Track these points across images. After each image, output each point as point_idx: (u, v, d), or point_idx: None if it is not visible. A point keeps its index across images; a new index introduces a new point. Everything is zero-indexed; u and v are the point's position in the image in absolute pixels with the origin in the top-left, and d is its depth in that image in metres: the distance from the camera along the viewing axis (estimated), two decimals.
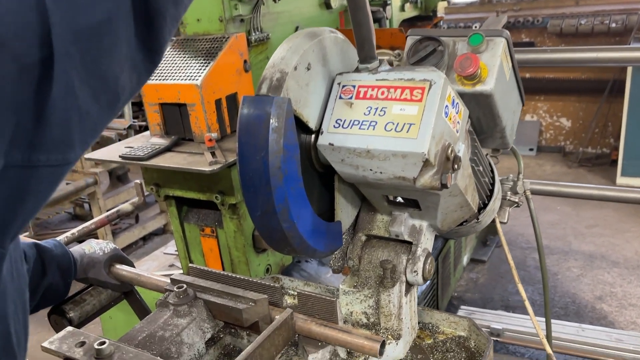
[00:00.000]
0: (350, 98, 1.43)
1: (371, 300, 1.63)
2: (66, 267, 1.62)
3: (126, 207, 2.23)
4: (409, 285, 1.61)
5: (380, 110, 1.39)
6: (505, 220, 2.05)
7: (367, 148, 1.37)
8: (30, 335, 1.11)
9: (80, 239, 2.29)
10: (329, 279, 3.56)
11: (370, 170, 1.41)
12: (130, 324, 1.60)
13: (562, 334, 3.48)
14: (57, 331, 1.38)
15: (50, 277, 1.58)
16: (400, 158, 1.34)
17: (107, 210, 5.81)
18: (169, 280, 1.57)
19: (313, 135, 1.50)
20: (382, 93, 1.39)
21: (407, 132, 1.33)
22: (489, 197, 1.82)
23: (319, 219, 1.46)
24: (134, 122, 5.41)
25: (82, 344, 1.28)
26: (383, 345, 1.31)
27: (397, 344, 1.57)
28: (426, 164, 1.32)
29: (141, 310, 1.78)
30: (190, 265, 1.61)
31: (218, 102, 2.65)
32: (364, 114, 1.40)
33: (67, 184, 5.37)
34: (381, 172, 1.41)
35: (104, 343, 1.24)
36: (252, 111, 1.31)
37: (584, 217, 5.97)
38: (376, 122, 1.38)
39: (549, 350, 2.14)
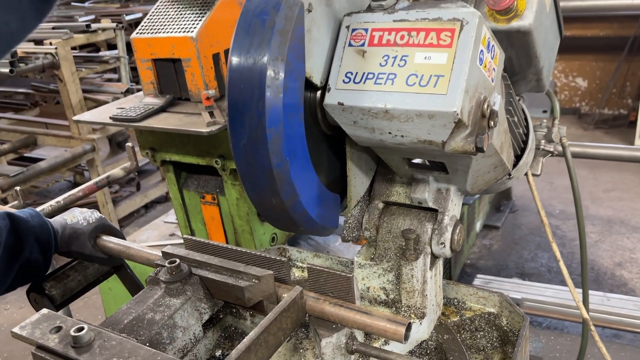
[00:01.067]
0: (363, 45, 1.19)
1: (391, 275, 1.43)
2: (45, 239, 1.43)
3: (117, 172, 2.03)
4: (434, 258, 1.42)
5: (400, 60, 1.15)
6: (539, 172, 1.80)
7: (384, 108, 1.14)
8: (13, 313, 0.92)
9: (67, 207, 2.10)
10: (337, 248, 3.38)
11: (389, 133, 1.19)
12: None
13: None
14: (37, 311, 1.20)
15: (27, 251, 1.39)
16: (426, 119, 1.11)
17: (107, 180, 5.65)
18: (160, 254, 1.38)
19: (318, 93, 1.27)
20: (402, 38, 1.16)
21: (435, 86, 1.10)
22: (523, 149, 1.59)
23: (318, 179, 1.27)
24: (132, 85, 5.16)
25: (58, 329, 1.09)
26: (409, 328, 1.12)
27: (420, 323, 1.39)
28: (458, 124, 1.09)
29: (133, 287, 1.60)
30: (184, 236, 1.41)
31: (216, 57, 2.41)
32: (380, 64, 1.17)
33: (64, 150, 5.17)
34: (402, 136, 1.19)
35: (82, 329, 1.05)
36: (255, 6, 1.12)
37: (601, 181, 5.74)
38: (395, 75, 1.14)
39: (585, 314, 1.97)
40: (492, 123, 1.17)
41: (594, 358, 3.24)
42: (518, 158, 1.58)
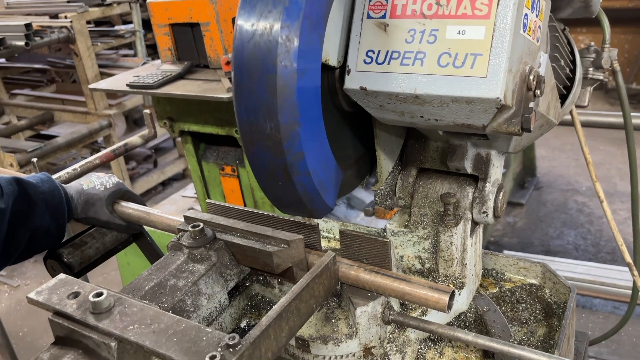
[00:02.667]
0: (384, 17, 1.03)
1: (427, 242, 1.34)
2: (57, 206, 1.35)
3: (135, 140, 1.96)
4: (475, 224, 1.32)
5: (429, 35, 0.99)
6: (586, 104, 1.61)
7: (414, 93, 1.00)
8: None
9: (83, 175, 2.03)
10: (360, 223, 3.30)
11: (421, 117, 1.08)
12: None
13: (618, 281, 3.19)
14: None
15: (37, 218, 1.31)
16: (463, 104, 0.99)
17: (125, 158, 5.61)
18: (182, 219, 1.30)
19: (337, 71, 1.14)
20: (430, 7, 0.99)
21: (472, 67, 0.96)
22: (570, 87, 1.45)
23: (330, 151, 1.13)
24: (147, 59, 5.08)
25: (76, 294, 1.02)
26: (452, 296, 1.03)
27: (459, 294, 1.30)
28: (501, 108, 0.98)
29: (153, 256, 1.53)
30: (207, 201, 1.33)
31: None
32: (406, 41, 1.01)
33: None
34: (436, 120, 1.07)
35: (101, 294, 0.98)
36: None
37: None
38: (425, 54, 0.99)
39: None
40: (538, 92, 1.05)
41: (627, 336, 3.14)
42: (564, 97, 1.44)
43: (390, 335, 1.18)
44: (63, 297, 1.02)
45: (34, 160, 2.33)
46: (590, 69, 1.56)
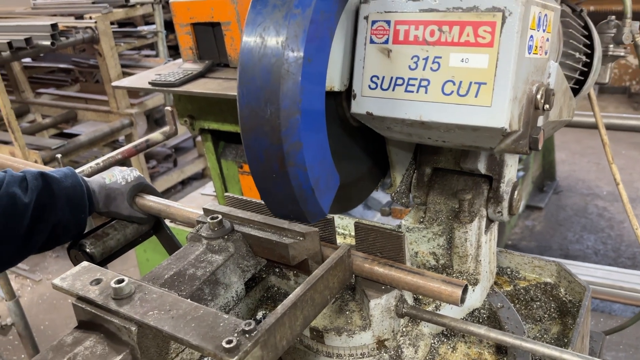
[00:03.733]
0: (387, 42, 1.03)
1: (441, 239, 1.35)
2: (78, 201, 1.38)
3: (156, 136, 2.01)
4: (490, 221, 1.33)
5: (433, 62, 0.98)
6: (607, 81, 1.57)
7: (420, 119, 1.01)
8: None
9: (106, 169, 2.08)
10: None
11: (429, 138, 1.08)
12: None
13: (639, 285, 3.15)
14: None
15: (59, 212, 1.35)
16: (469, 131, 0.99)
17: (145, 157, 5.69)
18: (201, 212, 1.33)
19: (344, 93, 1.14)
20: (432, 34, 0.98)
21: (476, 96, 0.95)
22: (587, 73, 1.43)
23: (329, 154, 1.08)
24: (169, 60, 5.15)
25: (98, 281, 1.06)
26: (465, 290, 1.04)
27: (473, 290, 1.31)
28: (508, 134, 0.98)
29: (172, 247, 1.56)
30: (226, 194, 1.36)
31: None
32: (410, 67, 1.00)
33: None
34: (444, 141, 1.08)
35: (122, 281, 1.01)
36: None
37: None
38: (429, 81, 0.99)
39: None
40: (547, 107, 1.05)
41: None
42: (582, 84, 1.43)
43: (404, 329, 1.19)
44: (86, 283, 1.05)
45: (59, 156, 2.39)
46: (611, 45, 1.51)
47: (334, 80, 1.08)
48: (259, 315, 1.29)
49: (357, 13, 1.07)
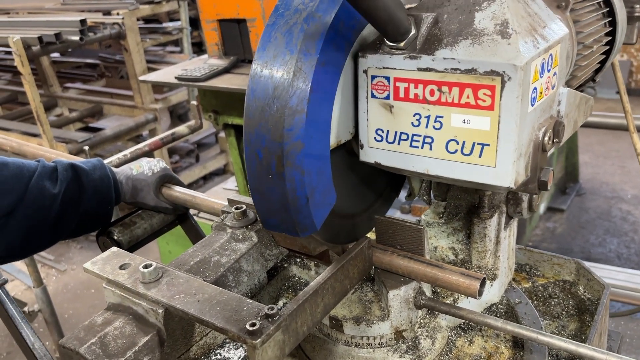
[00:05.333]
0: (387, 98, 1.02)
1: (461, 234, 1.37)
2: (105, 193, 1.43)
3: (182, 129, 2.06)
4: (509, 217, 1.34)
5: (435, 121, 0.97)
6: (634, 41, 1.52)
7: (427, 172, 1.02)
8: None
9: (133, 160, 2.13)
10: None
11: (437, 181, 1.12)
12: None
13: None
14: None
15: (86, 203, 1.41)
16: (476, 185, 1.01)
17: (168, 152, 5.78)
18: (226, 202, 1.37)
19: (352, 139, 1.13)
20: (432, 93, 0.96)
21: (480, 156, 0.95)
22: (610, 51, 1.41)
23: (329, 170, 1.04)
24: (193, 56, 5.23)
25: (127, 266, 1.10)
26: (483, 283, 1.06)
27: (491, 285, 1.32)
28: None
29: (197, 237, 1.61)
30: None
31: None
32: (413, 124, 1.00)
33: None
34: (454, 184, 1.12)
35: (150, 265, 1.06)
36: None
37: None
38: (432, 139, 0.98)
39: None
40: (557, 141, 1.05)
41: None
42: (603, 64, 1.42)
43: (421, 320, 1.21)
44: (115, 267, 1.10)
45: (86, 148, 2.47)
46: (637, 5, 1.48)
47: (340, 135, 1.07)
48: (280, 303, 1.32)
49: (356, 58, 1.04)
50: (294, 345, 0.97)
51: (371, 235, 1.39)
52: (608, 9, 1.41)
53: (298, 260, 1.31)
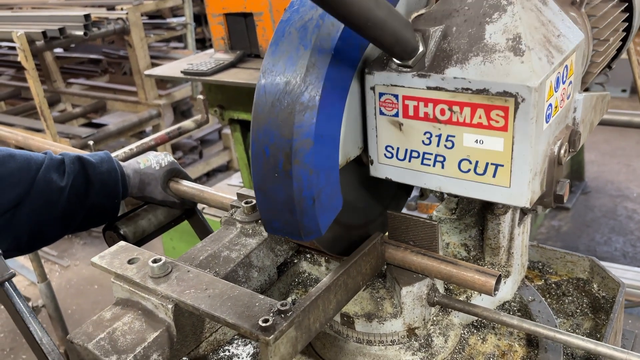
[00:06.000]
0: (396, 115, 0.98)
1: (473, 230, 1.35)
2: (112, 186, 1.42)
3: (188, 124, 2.04)
4: (523, 214, 1.31)
5: (446, 140, 0.94)
6: None
7: (439, 189, 0.99)
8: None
9: (139, 154, 2.11)
10: None
11: (451, 196, 1.09)
12: None
13: None
14: None
15: (93, 197, 1.39)
16: (490, 201, 1.00)
17: (172, 148, 5.77)
18: (235, 197, 1.35)
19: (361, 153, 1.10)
20: (442, 112, 0.92)
21: (494, 176, 0.92)
22: (626, 37, 1.39)
23: (337, 174, 1.00)
24: (197, 52, 5.20)
25: (135, 260, 1.08)
26: (499, 280, 1.04)
27: (504, 282, 1.30)
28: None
29: (204, 232, 1.59)
30: None
31: None
32: (423, 142, 0.96)
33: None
34: (467, 197, 1.08)
35: (160, 260, 1.04)
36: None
37: None
38: (444, 157, 0.95)
39: None
40: (573, 150, 1.02)
41: None
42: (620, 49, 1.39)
43: (434, 318, 1.19)
44: (124, 262, 1.08)
45: (91, 143, 2.45)
46: None
47: (349, 152, 1.04)
48: (289, 299, 1.30)
49: (363, 74, 1.00)
50: (307, 342, 0.95)
51: None
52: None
53: (308, 255, 1.29)
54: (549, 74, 0.88)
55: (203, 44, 8.32)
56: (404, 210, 2.06)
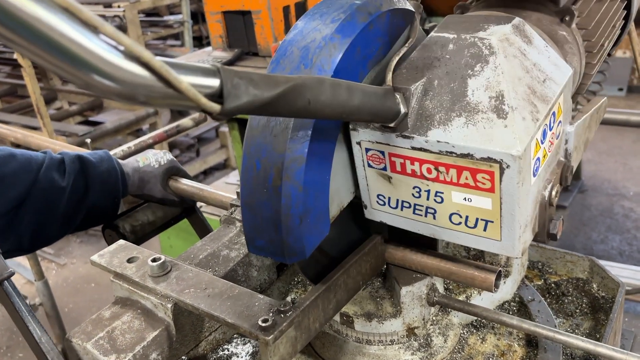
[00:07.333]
0: (384, 169, 0.97)
1: None
2: (112, 184, 1.41)
3: (186, 122, 2.03)
4: None
5: (436, 196, 0.94)
6: None
7: (433, 235, 1.00)
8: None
9: (137, 153, 2.11)
10: None
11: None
12: None
13: None
14: None
15: (94, 196, 1.39)
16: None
17: (169, 146, 5.75)
18: (234, 196, 1.35)
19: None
20: (429, 171, 0.92)
21: (485, 230, 0.92)
22: (625, 26, 1.39)
23: (327, 197, 0.97)
24: (194, 49, 5.19)
25: (135, 259, 1.08)
26: (499, 276, 1.04)
27: (504, 282, 1.30)
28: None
29: (203, 231, 1.58)
30: None
31: (286, 10, 2.34)
32: (413, 195, 0.96)
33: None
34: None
35: (159, 259, 1.03)
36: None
37: None
38: (435, 210, 0.95)
39: None
40: (564, 182, 1.04)
41: None
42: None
43: (434, 318, 1.19)
44: (123, 260, 1.08)
45: (88, 141, 2.44)
46: None
47: (343, 199, 1.03)
48: (288, 299, 1.30)
49: (348, 132, 0.99)
50: (306, 342, 0.95)
51: None
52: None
53: None
54: (533, 134, 0.87)
55: (200, 41, 8.30)
56: None
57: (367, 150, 0.97)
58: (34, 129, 4.83)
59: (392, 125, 0.90)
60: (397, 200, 0.99)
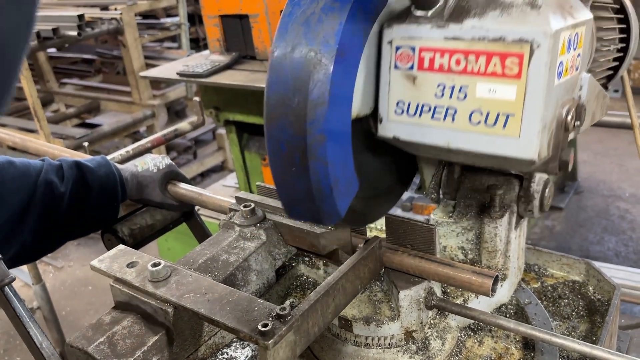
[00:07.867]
0: (411, 68, 1.00)
1: (471, 234, 1.35)
2: (111, 190, 1.42)
3: (184, 126, 2.04)
4: (520, 217, 1.32)
5: (459, 91, 0.96)
6: None
7: (447, 146, 1.01)
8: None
9: (135, 157, 2.11)
10: None
11: (457, 160, 1.11)
12: None
13: None
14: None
15: (93, 201, 1.39)
16: (499, 159, 0.99)
17: (166, 149, 5.75)
18: (233, 200, 1.35)
19: (370, 116, 1.12)
20: (458, 62, 0.95)
21: (504, 127, 0.93)
22: (622, 59, 1.40)
23: (351, 159, 1.03)
24: (191, 52, 5.19)
25: (135, 264, 1.08)
26: (496, 281, 1.05)
27: (501, 285, 1.31)
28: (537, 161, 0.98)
29: (202, 235, 1.59)
30: (258, 184, 1.37)
31: None
32: (436, 95, 0.98)
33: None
34: (473, 163, 1.08)
35: (159, 264, 1.04)
36: None
37: None
38: (455, 110, 0.97)
39: None
40: (578, 124, 1.03)
41: None
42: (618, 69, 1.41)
43: (432, 321, 1.20)
44: (123, 265, 1.08)
45: (86, 144, 2.44)
46: None
47: (360, 109, 1.06)
48: (287, 303, 1.30)
49: (381, 36, 1.03)
50: (305, 346, 0.96)
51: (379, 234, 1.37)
52: (622, 16, 1.40)
53: (307, 259, 1.29)
54: (563, 28, 0.90)
55: (197, 43, 8.30)
56: (400, 213, 2.05)
57: (397, 49, 1.00)
58: (31, 131, 4.82)
59: (429, 14, 0.96)
60: (417, 105, 1.01)
